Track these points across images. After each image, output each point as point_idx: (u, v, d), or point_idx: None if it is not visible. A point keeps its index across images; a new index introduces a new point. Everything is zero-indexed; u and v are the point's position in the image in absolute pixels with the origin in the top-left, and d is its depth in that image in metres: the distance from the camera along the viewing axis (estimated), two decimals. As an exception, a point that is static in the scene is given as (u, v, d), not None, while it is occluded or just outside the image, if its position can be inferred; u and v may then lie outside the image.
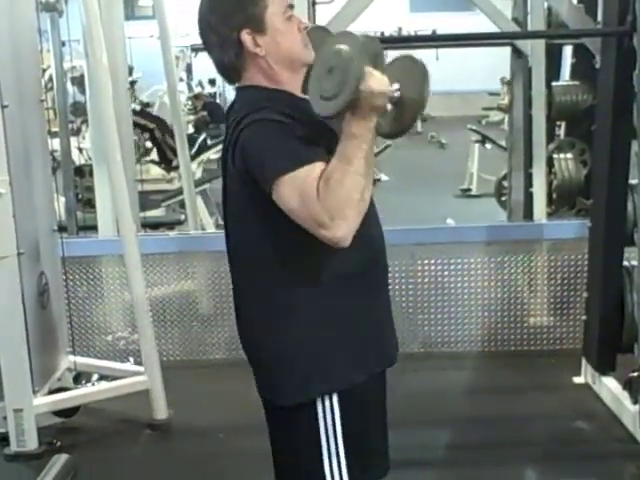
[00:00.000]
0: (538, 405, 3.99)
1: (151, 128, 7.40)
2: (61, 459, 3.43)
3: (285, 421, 2.04)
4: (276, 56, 1.99)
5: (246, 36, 1.96)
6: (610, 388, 3.86)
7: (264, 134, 1.89)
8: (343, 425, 1.99)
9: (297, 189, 1.82)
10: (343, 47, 1.81)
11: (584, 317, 4.15)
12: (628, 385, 3.53)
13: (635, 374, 3.45)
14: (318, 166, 1.83)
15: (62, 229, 4.38)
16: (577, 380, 4.18)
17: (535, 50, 4.97)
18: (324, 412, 1.98)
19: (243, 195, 1.96)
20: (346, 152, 1.80)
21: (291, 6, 2.04)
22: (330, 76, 1.82)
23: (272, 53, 1.98)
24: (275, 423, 2.08)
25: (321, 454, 1.99)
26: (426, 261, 4.62)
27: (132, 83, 7.71)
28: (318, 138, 1.91)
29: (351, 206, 1.79)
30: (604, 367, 3.97)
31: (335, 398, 1.98)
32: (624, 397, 3.64)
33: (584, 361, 4.16)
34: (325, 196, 1.78)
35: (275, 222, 1.90)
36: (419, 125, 16.16)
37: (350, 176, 1.79)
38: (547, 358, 4.54)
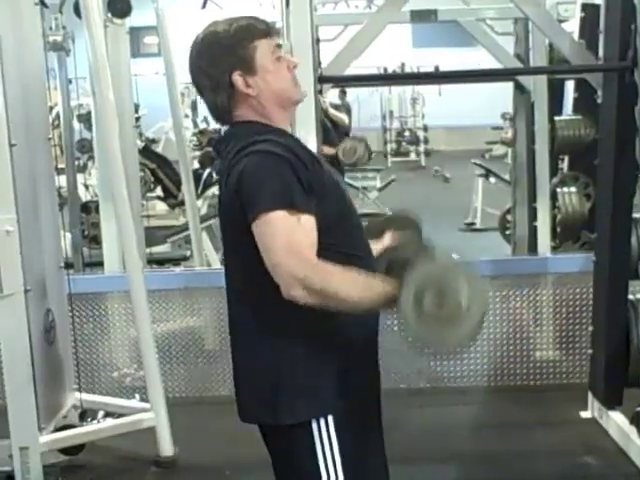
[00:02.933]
0: (544, 440, 3.96)
1: (152, 168, 7.45)
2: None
3: (284, 443, 2.04)
4: (267, 95, 2.03)
5: (237, 77, 2.00)
6: (617, 422, 3.83)
7: (263, 166, 1.91)
8: (340, 445, 1.99)
9: (284, 234, 1.85)
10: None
11: (590, 351, 4.13)
12: (635, 419, 3.51)
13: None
14: (309, 221, 1.88)
15: (68, 266, 4.38)
16: (584, 415, 4.16)
17: (537, 85, 5.01)
18: (320, 433, 1.99)
19: (236, 226, 1.97)
20: (363, 295, 1.87)
21: (279, 46, 2.08)
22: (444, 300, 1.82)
23: (263, 92, 2.02)
24: (274, 446, 2.09)
25: (319, 475, 1.99)
26: (431, 295, 4.61)
27: (137, 119, 7.75)
28: (315, 180, 1.93)
29: (325, 299, 1.84)
30: (611, 401, 3.94)
31: (330, 418, 1.98)
32: (631, 431, 3.62)
33: (590, 395, 4.14)
34: (315, 276, 1.83)
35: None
36: (422, 160, 16.28)
37: (345, 298, 1.86)
38: (553, 392, 4.52)
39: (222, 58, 2.01)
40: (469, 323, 1.83)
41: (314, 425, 1.99)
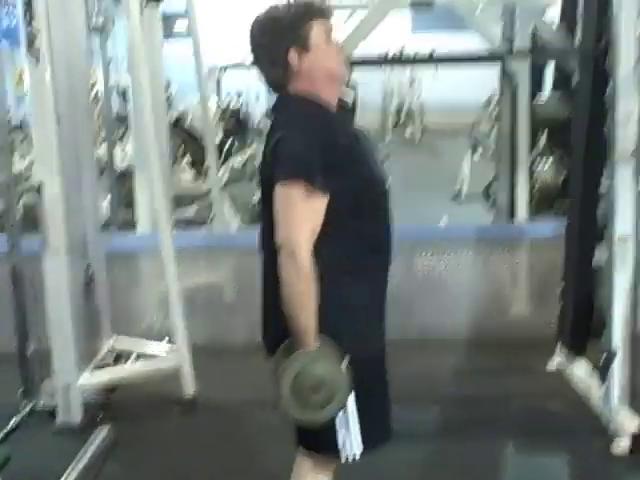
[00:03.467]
0: (517, 386, 3.96)
1: (183, 136, 7.41)
2: (103, 431, 3.43)
3: None
4: (317, 70, 2.02)
5: (293, 54, 2.00)
6: (582, 368, 3.83)
7: (297, 139, 1.92)
8: (356, 390, 1.99)
9: (293, 213, 1.87)
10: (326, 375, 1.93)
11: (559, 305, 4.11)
12: (602, 366, 3.49)
13: (604, 355, 3.42)
14: (319, 204, 1.91)
15: (106, 226, 4.37)
16: (553, 363, 4.14)
17: (520, 67, 4.92)
18: None
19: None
20: (303, 320, 1.93)
21: (331, 29, 2.07)
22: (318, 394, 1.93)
23: (314, 68, 2.02)
24: None
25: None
26: (420, 257, 4.59)
27: (169, 96, 7.69)
28: (344, 157, 1.94)
29: (287, 283, 1.91)
30: (577, 349, 3.93)
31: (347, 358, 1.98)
32: (592, 377, 3.63)
33: (559, 345, 4.12)
34: (297, 276, 1.89)
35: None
36: (418, 135, 16.11)
37: (294, 302, 1.92)
38: (526, 344, 4.50)
39: (281, 36, 2.00)
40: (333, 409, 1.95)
41: None
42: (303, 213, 1.88)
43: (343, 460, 2.07)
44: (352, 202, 1.97)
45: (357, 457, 2.06)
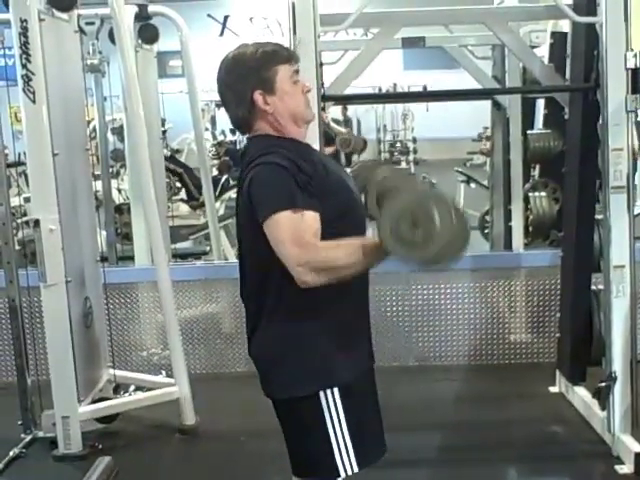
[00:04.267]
0: (517, 411, 3.97)
1: (179, 172, 7.46)
2: (104, 461, 3.42)
3: (296, 413, 2.05)
4: (282, 113, 2.04)
5: (258, 96, 2.01)
6: (581, 396, 3.85)
7: (268, 175, 1.92)
8: (345, 412, 2.00)
9: (289, 229, 1.85)
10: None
11: (557, 334, 4.14)
12: (597, 393, 3.51)
13: (603, 384, 3.44)
14: (312, 215, 1.89)
15: (104, 259, 4.40)
16: (552, 389, 4.17)
17: (512, 103, 5.00)
18: (327, 403, 2.00)
19: (251, 227, 1.97)
20: (356, 257, 1.85)
21: (297, 71, 2.08)
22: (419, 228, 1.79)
23: (279, 110, 2.03)
24: (287, 417, 2.08)
25: (329, 439, 2.01)
26: (419, 286, 4.62)
27: (164, 132, 7.75)
28: (319, 183, 1.94)
29: (331, 273, 1.85)
30: (576, 378, 3.95)
31: (336, 390, 2.00)
32: (593, 404, 3.63)
33: (558, 373, 4.16)
34: (317, 255, 1.84)
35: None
36: (412, 168, 16.23)
37: (344, 265, 1.85)
38: (526, 370, 4.53)
39: (247, 77, 2.01)
40: (441, 240, 1.77)
41: (322, 396, 2.00)
42: (298, 229, 1.86)
43: (343, 475, 2.04)
44: (329, 225, 1.94)
45: (355, 471, 2.05)
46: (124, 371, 4.33)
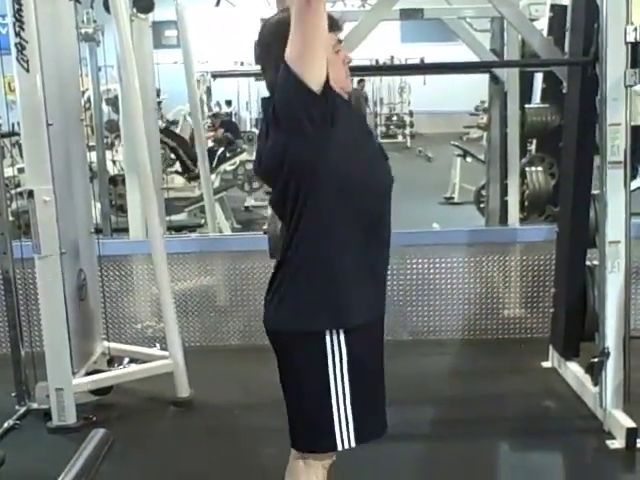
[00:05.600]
0: (511, 386, 3.99)
1: (172, 146, 7.43)
2: (98, 432, 3.42)
3: (299, 348, 2.02)
4: None
5: None
6: (574, 372, 3.86)
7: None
8: (348, 353, 1.98)
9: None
10: None
11: (551, 310, 4.15)
12: (590, 369, 3.53)
13: (596, 359, 3.46)
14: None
15: (98, 231, 4.39)
16: (545, 365, 4.19)
17: (510, 77, 4.98)
18: (332, 341, 1.98)
19: (284, 166, 1.94)
20: None
21: (340, 41, 2.04)
22: None
23: None
24: (288, 350, 2.05)
25: (327, 375, 1.99)
26: (414, 260, 4.63)
27: (159, 103, 7.71)
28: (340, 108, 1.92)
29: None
30: (569, 353, 3.97)
31: (342, 331, 1.98)
32: (586, 379, 3.65)
33: (551, 348, 4.17)
34: None
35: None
36: (408, 141, 16.22)
37: None
38: (519, 345, 4.55)
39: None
40: None
41: (327, 335, 1.98)
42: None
43: (340, 448, 2.04)
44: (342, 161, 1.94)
45: (352, 445, 2.04)
46: (118, 343, 4.33)
